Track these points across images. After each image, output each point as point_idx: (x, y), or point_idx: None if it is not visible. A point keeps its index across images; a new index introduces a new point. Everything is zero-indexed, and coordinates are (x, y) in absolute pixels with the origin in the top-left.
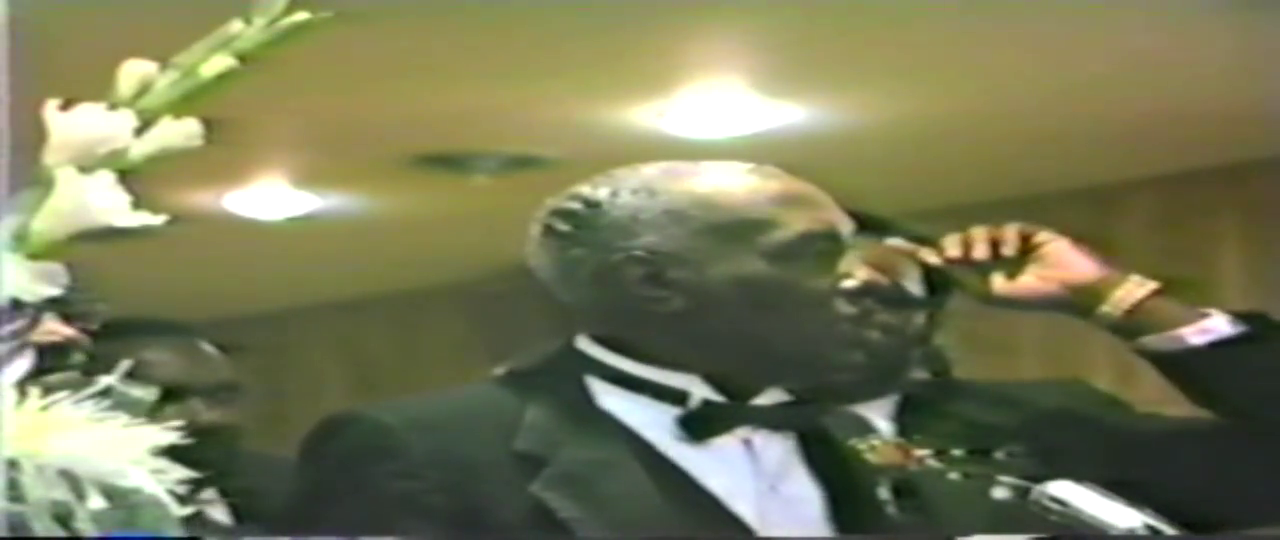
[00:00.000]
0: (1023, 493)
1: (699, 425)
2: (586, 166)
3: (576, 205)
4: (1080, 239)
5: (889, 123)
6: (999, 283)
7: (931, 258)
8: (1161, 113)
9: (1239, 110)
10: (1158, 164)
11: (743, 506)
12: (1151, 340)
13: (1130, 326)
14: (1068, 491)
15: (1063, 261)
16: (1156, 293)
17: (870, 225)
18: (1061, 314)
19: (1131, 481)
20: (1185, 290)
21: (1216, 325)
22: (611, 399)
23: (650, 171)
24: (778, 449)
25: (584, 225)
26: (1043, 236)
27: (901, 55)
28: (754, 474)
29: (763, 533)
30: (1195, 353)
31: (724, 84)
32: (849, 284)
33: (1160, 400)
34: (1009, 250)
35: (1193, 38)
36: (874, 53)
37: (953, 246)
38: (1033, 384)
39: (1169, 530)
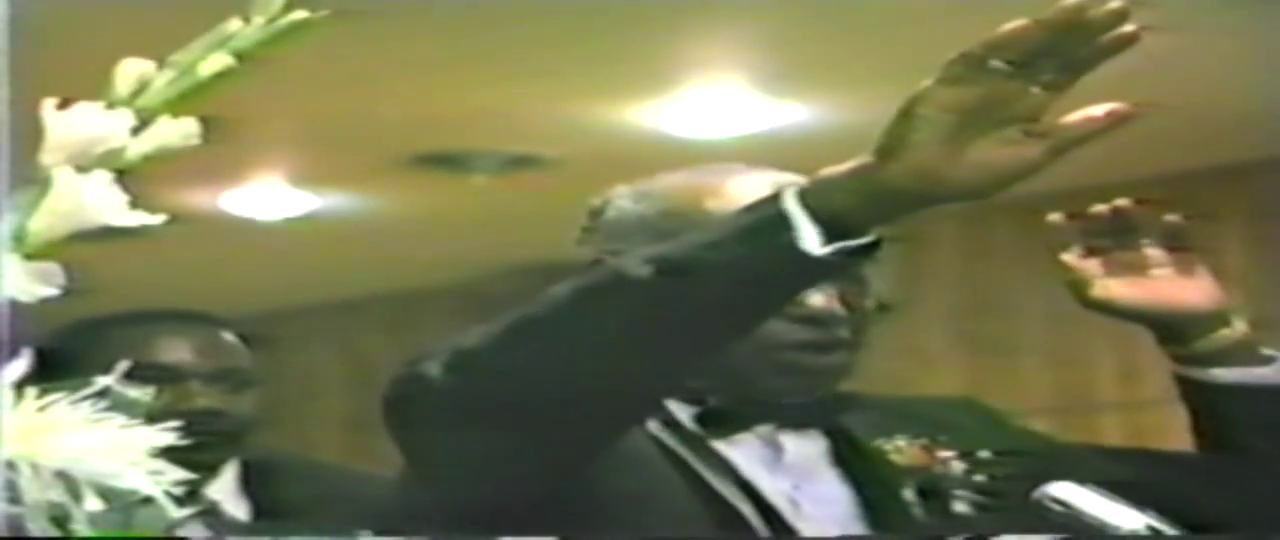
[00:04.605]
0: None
1: (714, 422)
2: (586, 166)
3: (586, 212)
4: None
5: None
6: (1125, 289)
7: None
8: (1162, 110)
9: (1241, 110)
10: (1160, 163)
11: (756, 508)
12: (1224, 373)
13: (1210, 358)
14: (1070, 492)
15: (1201, 285)
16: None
17: None
18: (1146, 328)
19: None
20: None
21: None
22: None
23: (665, 178)
24: (805, 449)
25: (585, 228)
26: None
27: (902, 54)
28: (777, 473)
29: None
30: (1265, 390)
31: (725, 83)
32: (811, 306)
33: (1161, 399)
34: (1172, 219)
35: (1194, 37)
36: (875, 52)
37: (1105, 211)
38: (927, 399)
39: (1170, 531)
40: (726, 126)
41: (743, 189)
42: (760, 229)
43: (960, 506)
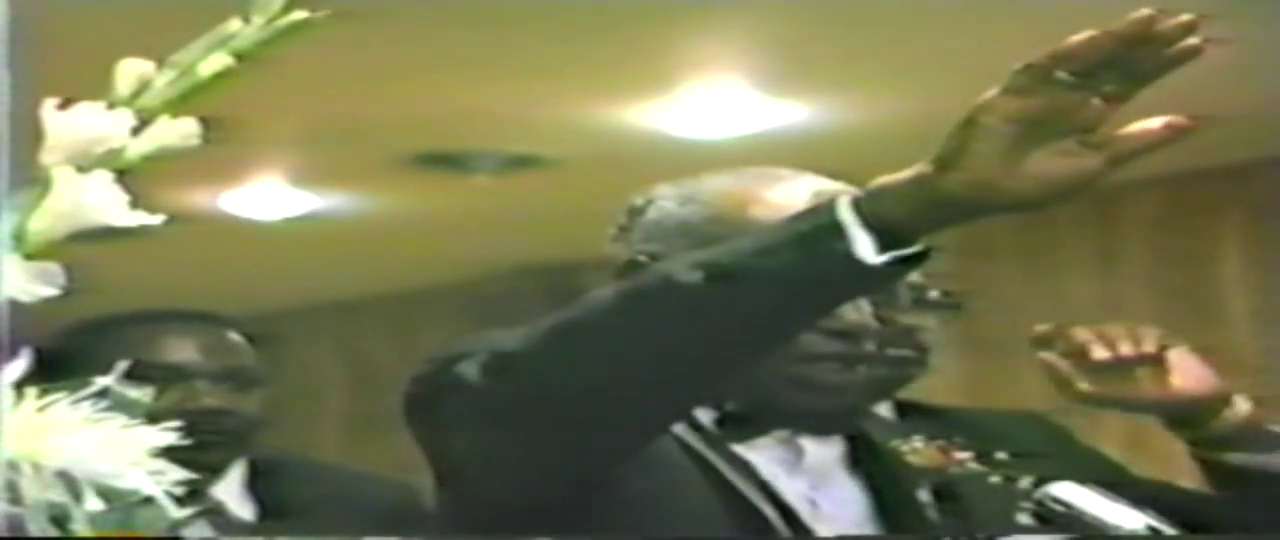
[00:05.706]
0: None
1: (733, 426)
2: (586, 166)
3: (625, 209)
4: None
5: (890, 122)
6: (1113, 384)
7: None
8: (1163, 112)
9: (1241, 109)
10: (1160, 164)
11: (775, 509)
12: (1244, 458)
13: (1224, 442)
14: (1071, 492)
15: (1190, 372)
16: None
17: None
18: (1152, 418)
19: None
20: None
21: None
22: None
23: (710, 182)
24: (824, 452)
25: (622, 227)
26: (1171, 343)
27: (903, 54)
28: (795, 475)
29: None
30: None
31: (725, 83)
32: (845, 320)
33: None
34: (1148, 350)
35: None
36: (875, 52)
37: (1099, 350)
38: (995, 412)
39: (1169, 530)
40: (726, 126)
41: (787, 196)
42: (813, 237)
43: (1023, 518)
